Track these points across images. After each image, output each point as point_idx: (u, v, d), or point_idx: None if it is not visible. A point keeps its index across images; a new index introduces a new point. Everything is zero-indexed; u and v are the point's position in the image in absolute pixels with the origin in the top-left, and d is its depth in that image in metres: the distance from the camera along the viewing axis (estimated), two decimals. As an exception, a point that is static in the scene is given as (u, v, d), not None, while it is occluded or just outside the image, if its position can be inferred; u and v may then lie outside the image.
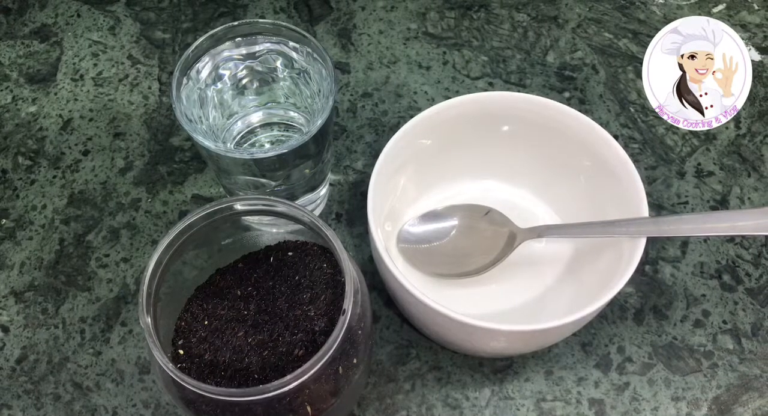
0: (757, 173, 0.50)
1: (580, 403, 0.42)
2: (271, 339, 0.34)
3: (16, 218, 0.48)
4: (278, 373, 0.33)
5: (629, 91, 0.54)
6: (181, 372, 0.29)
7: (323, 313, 0.34)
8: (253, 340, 0.34)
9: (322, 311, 0.35)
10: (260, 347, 0.34)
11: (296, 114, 0.44)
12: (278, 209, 0.34)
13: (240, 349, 0.34)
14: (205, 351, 0.34)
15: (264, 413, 0.31)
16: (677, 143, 0.51)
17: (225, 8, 0.57)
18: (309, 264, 0.37)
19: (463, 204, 0.46)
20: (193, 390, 0.30)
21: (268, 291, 0.36)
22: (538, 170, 0.46)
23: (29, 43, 0.56)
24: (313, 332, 0.34)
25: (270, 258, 0.37)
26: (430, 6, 0.58)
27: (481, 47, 0.56)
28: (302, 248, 0.37)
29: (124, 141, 0.51)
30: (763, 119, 0.52)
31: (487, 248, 0.44)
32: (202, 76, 0.41)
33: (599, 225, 0.40)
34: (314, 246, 0.37)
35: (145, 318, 0.31)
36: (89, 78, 0.54)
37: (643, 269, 0.46)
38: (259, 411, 0.31)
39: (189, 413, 0.32)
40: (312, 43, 0.40)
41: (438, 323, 0.38)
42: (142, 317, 0.31)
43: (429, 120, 0.42)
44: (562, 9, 0.58)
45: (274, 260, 0.37)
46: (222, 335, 0.34)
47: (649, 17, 0.57)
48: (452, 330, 0.38)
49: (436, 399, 0.42)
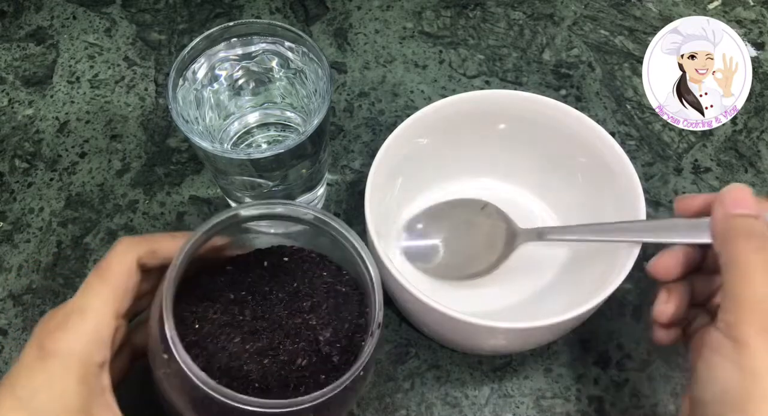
0: (754, 168, 0.50)
1: (579, 400, 0.42)
2: (271, 346, 0.33)
3: (13, 220, 0.48)
4: (281, 383, 0.32)
5: (626, 88, 0.54)
6: (215, 383, 0.28)
7: (326, 322, 0.34)
8: (251, 347, 0.33)
9: (325, 320, 0.34)
10: (259, 355, 0.33)
11: (293, 114, 0.44)
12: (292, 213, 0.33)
13: (237, 356, 0.32)
14: (196, 356, 0.32)
15: None
16: (674, 140, 0.51)
17: (221, 9, 0.57)
18: (307, 271, 0.36)
19: (461, 199, 0.46)
20: (218, 398, 0.28)
21: (264, 297, 0.35)
22: (535, 167, 0.46)
23: (25, 45, 0.56)
24: (317, 341, 0.33)
25: (264, 263, 0.36)
26: (426, 5, 0.58)
27: (478, 46, 0.56)
28: (299, 255, 0.36)
29: (120, 143, 0.51)
30: (759, 114, 0.53)
31: (487, 246, 0.44)
32: (199, 77, 0.41)
33: (600, 229, 0.39)
34: (312, 253, 0.37)
35: (173, 331, 0.29)
36: (85, 80, 0.54)
37: (641, 265, 0.46)
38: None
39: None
40: (308, 43, 0.40)
41: (437, 321, 0.38)
42: (171, 330, 0.29)
43: (426, 119, 0.42)
44: (558, 7, 0.58)
45: (269, 265, 0.36)
46: (216, 340, 0.33)
47: (644, 14, 0.57)
48: (451, 328, 0.38)
49: (435, 397, 0.42)
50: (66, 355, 0.30)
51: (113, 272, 0.32)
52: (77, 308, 0.31)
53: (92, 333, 0.30)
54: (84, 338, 0.30)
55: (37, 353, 0.30)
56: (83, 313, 0.31)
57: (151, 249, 0.33)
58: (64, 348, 0.30)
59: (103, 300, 0.31)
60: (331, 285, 0.35)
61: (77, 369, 0.30)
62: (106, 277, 0.32)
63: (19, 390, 0.29)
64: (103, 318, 0.31)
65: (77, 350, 0.30)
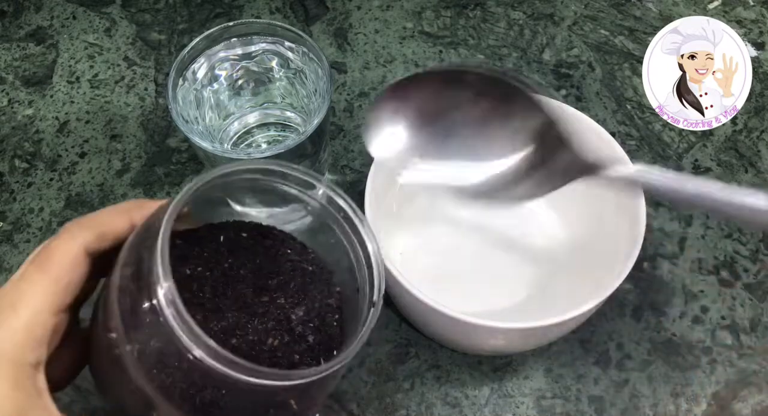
0: (754, 168, 0.50)
1: (579, 400, 0.42)
2: (237, 326, 0.30)
3: (13, 221, 0.48)
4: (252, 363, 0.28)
5: (626, 88, 0.54)
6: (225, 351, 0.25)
7: (296, 301, 0.31)
8: (215, 326, 0.29)
9: (295, 299, 0.32)
10: (225, 334, 0.30)
11: (293, 114, 0.44)
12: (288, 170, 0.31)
13: None
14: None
15: (247, 403, 0.28)
16: (674, 140, 0.51)
17: (221, 9, 0.57)
18: (270, 248, 0.33)
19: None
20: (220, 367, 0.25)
21: (224, 273, 0.31)
22: (535, 167, 0.46)
23: (25, 45, 0.56)
24: (288, 320, 0.31)
25: (219, 238, 0.32)
26: (426, 5, 0.58)
27: (478, 46, 0.56)
28: (258, 230, 0.33)
29: (120, 143, 0.51)
30: (759, 114, 0.53)
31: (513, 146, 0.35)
32: (198, 77, 0.41)
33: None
34: (273, 229, 0.33)
35: (170, 281, 0.26)
36: (85, 80, 0.54)
37: (641, 265, 0.46)
38: (241, 398, 0.27)
39: (151, 388, 0.27)
40: (308, 42, 0.40)
41: (437, 321, 0.38)
42: (168, 281, 0.25)
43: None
44: (558, 7, 0.58)
45: (225, 240, 0.32)
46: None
47: (645, 14, 0.57)
48: (451, 328, 0.38)
49: (435, 397, 0.42)
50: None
51: (54, 262, 0.28)
52: (8, 304, 0.27)
53: (24, 332, 0.27)
54: (15, 337, 0.27)
55: None
56: (14, 309, 0.27)
57: (100, 233, 0.29)
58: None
59: (39, 294, 0.28)
60: (297, 263, 0.33)
61: (8, 372, 0.27)
62: (46, 268, 0.28)
63: None
64: (38, 314, 0.27)
65: (7, 350, 0.27)
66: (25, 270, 0.28)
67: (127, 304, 0.27)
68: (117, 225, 0.30)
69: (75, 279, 0.29)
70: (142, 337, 0.27)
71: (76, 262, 0.29)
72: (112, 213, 0.30)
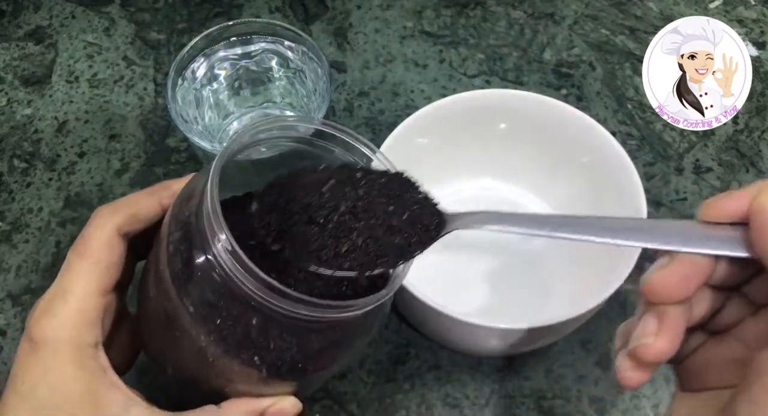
0: (755, 168, 0.50)
1: (580, 401, 0.42)
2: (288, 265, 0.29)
3: (12, 220, 0.48)
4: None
5: (626, 87, 0.54)
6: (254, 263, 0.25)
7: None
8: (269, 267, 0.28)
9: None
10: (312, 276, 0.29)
11: (292, 114, 0.44)
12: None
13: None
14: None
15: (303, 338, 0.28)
16: (675, 139, 0.51)
17: (220, 8, 0.57)
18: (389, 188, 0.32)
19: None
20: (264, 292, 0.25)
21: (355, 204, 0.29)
22: (535, 167, 0.46)
23: (24, 45, 0.56)
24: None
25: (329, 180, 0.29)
26: (426, 4, 0.58)
27: (478, 45, 0.56)
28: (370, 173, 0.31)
29: (119, 143, 0.51)
30: (760, 114, 0.52)
31: None
32: (198, 76, 0.41)
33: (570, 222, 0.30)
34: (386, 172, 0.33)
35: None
36: (84, 80, 0.54)
37: (643, 265, 0.46)
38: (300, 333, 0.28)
39: (196, 317, 0.28)
40: (307, 42, 0.40)
41: (437, 322, 0.37)
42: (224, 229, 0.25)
43: (426, 119, 0.42)
44: (559, 6, 0.58)
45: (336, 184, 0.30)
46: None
47: (645, 14, 0.57)
48: (452, 328, 0.37)
49: (435, 398, 0.42)
50: (55, 342, 0.29)
51: (92, 247, 0.30)
52: (59, 292, 0.29)
53: (77, 315, 0.29)
54: (70, 321, 0.29)
55: (29, 345, 0.29)
56: (65, 296, 0.29)
57: (130, 214, 0.31)
58: (51, 335, 0.29)
59: (84, 279, 0.30)
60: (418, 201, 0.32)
61: (70, 355, 0.28)
62: (85, 254, 0.30)
63: (20, 386, 0.28)
64: (87, 297, 0.29)
65: (65, 335, 0.29)
66: (67, 261, 0.30)
67: (179, 266, 0.28)
68: (146, 206, 0.31)
69: (114, 259, 0.30)
70: (199, 294, 0.28)
71: (112, 243, 0.30)
72: (140, 195, 0.32)
